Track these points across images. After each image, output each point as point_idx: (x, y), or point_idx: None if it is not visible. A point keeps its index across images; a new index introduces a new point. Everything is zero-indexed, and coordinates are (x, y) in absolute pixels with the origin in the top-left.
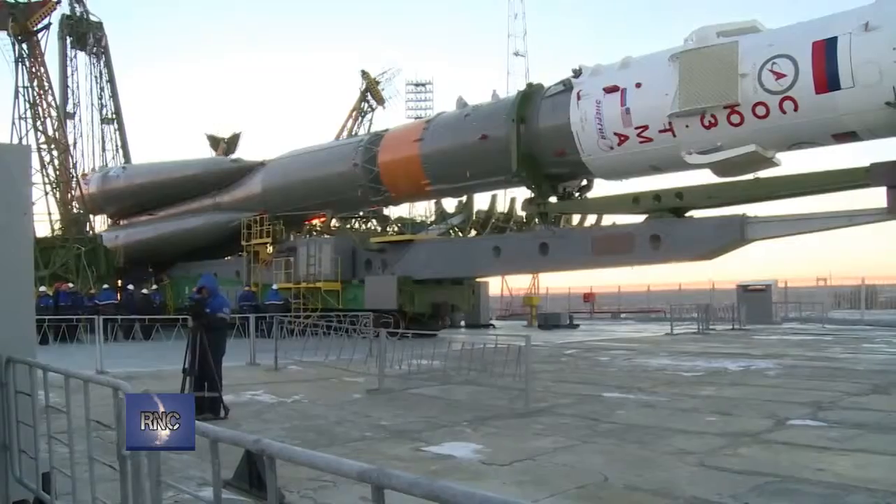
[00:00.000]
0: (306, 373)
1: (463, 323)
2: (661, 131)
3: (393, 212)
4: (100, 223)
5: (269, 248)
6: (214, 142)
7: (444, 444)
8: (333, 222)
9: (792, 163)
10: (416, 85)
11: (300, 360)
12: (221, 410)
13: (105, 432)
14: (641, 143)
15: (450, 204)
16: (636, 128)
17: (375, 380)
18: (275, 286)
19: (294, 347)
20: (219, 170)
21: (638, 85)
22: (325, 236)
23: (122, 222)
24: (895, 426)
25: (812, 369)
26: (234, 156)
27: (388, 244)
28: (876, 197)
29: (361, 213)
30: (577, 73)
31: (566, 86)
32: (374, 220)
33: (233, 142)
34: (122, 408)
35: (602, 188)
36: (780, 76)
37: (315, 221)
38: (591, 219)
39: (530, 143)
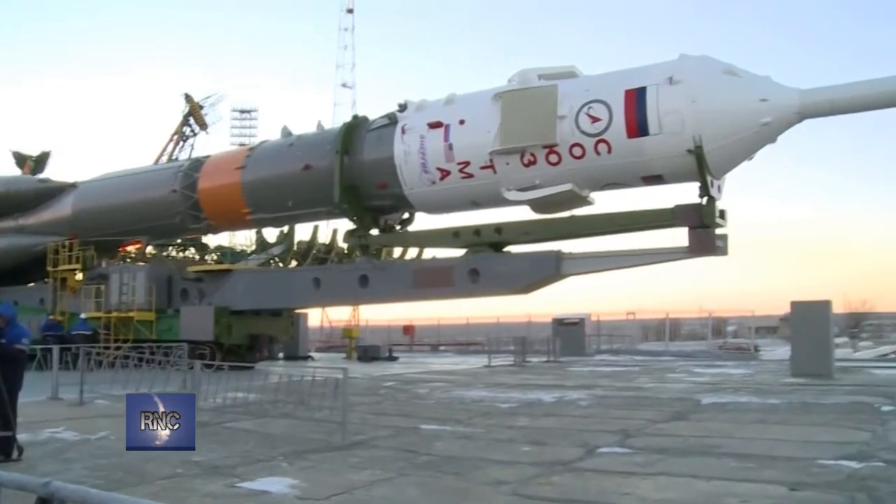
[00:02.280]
0: (115, 407)
1: (281, 355)
2: (482, 167)
3: (212, 240)
4: None
5: (79, 275)
6: (20, 160)
7: (260, 479)
8: (149, 249)
9: (605, 202)
10: (242, 111)
11: (108, 394)
12: (14, 451)
13: None
14: (463, 178)
15: (271, 234)
16: (458, 163)
17: None
18: (83, 315)
19: (102, 381)
20: (23, 189)
21: (461, 122)
22: (140, 264)
23: None
24: (693, 450)
25: (621, 399)
26: (41, 175)
27: (206, 273)
28: (680, 236)
29: (179, 241)
30: (403, 107)
31: (391, 119)
32: (192, 248)
33: (41, 160)
34: None
35: (423, 222)
36: (595, 120)
37: (129, 248)
38: (412, 252)
39: (353, 174)
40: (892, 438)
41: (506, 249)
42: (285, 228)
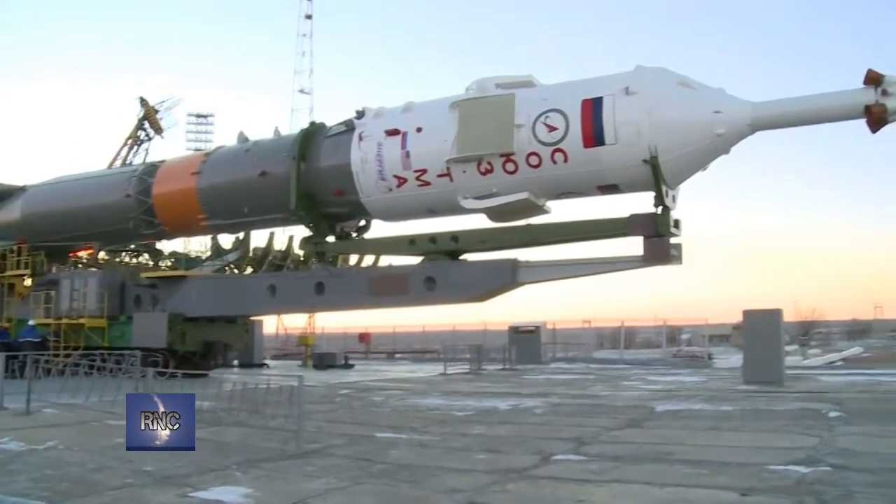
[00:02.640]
0: (64, 416)
1: (236, 362)
2: (439, 175)
3: (166, 246)
4: None
5: (27, 281)
6: None
7: (213, 488)
8: (102, 255)
9: (562, 211)
10: (198, 116)
11: (57, 403)
12: None
13: None
14: (420, 186)
15: (226, 240)
16: (415, 171)
17: None
18: (31, 322)
19: (51, 389)
20: None
21: (419, 129)
22: (92, 269)
23: None
24: (647, 457)
25: (576, 406)
26: None
27: (159, 279)
28: (635, 245)
29: (133, 247)
30: (360, 114)
31: (348, 126)
32: (146, 254)
33: None
34: None
35: (380, 229)
36: (552, 129)
37: (81, 253)
38: (368, 259)
39: (310, 181)
40: (838, 444)
41: (462, 257)
42: (241, 235)
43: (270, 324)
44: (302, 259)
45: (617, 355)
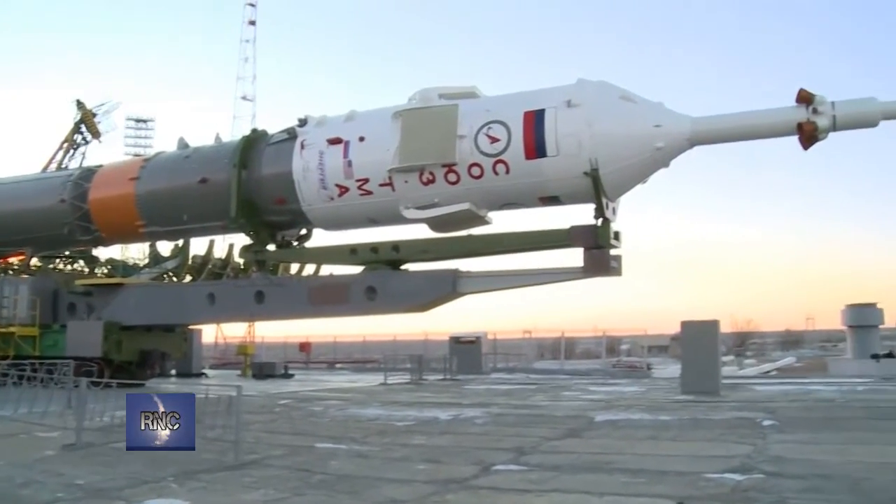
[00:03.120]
0: None
1: (174, 372)
2: (381, 185)
3: (103, 253)
4: None
5: None
6: None
7: (148, 501)
8: (34, 261)
9: (503, 221)
10: (137, 121)
11: None
12: None
13: None
14: (361, 195)
15: (165, 247)
16: (357, 180)
17: (73, 434)
18: None
19: None
20: None
21: (361, 139)
22: (23, 276)
23: None
24: (586, 466)
25: (516, 417)
26: None
27: (95, 287)
28: (575, 257)
29: (67, 253)
30: (303, 122)
31: (290, 134)
32: (81, 261)
33: None
34: None
35: (321, 238)
36: (494, 140)
37: (12, 259)
38: (309, 268)
39: (251, 189)
40: (771, 451)
41: (403, 267)
42: (180, 242)
43: (209, 333)
44: (242, 267)
45: (557, 366)
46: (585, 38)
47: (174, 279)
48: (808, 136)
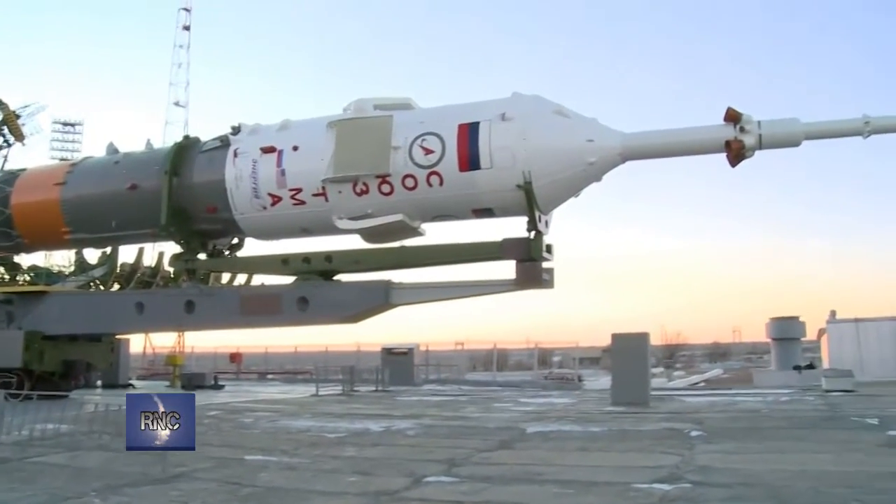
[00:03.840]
0: None
1: (100, 383)
2: (314, 195)
3: (25, 260)
4: None
5: None
6: None
7: None
8: None
9: (437, 233)
10: (65, 124)
11: None
12: None
13: None
14: (295, 205)
15: (92, 255)
16: (290, 190)
17: None
18: None
19: None
20: None
21: (295, 148)
22: None
23: None
24: (517, 478)
25: (448, 428)
26: None
27: (16, 295)
28: (508, 269)
29: None
30: (236, 130)
31: (223, 142)
32: (1, 268)
33: None
34: None
35: (253, 247)
36: (428, 152)
37: None
38: (240, 278)
39: (182, 197)
40: (698, 461)
41: (336, 278)
42: (108, 250)
43: (138, 343)
44: (172, 276)
45: (489, 377)
46: (521, 53)
47: (101, 287)
48: (736, 153)
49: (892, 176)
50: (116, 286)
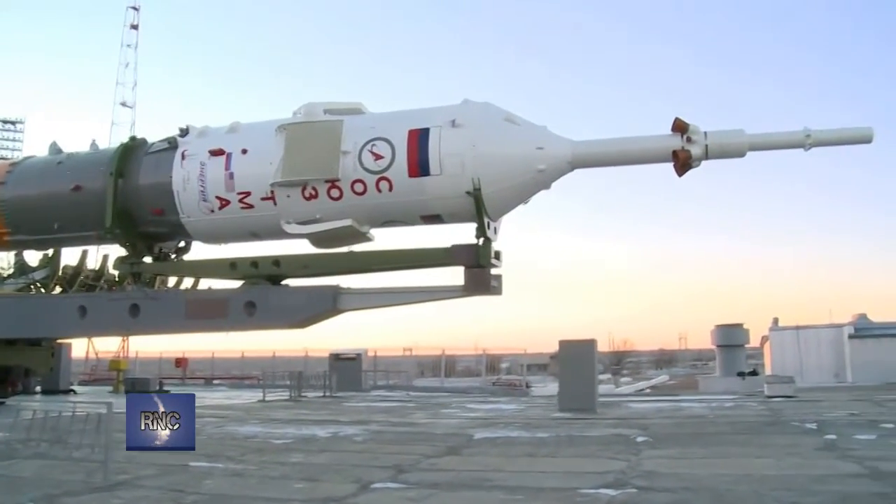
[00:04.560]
0: None
1: (39, 388)
2: (262, 199)
3: None
4: None
5: None
6: None
7: None
8: None
9: (386, 239)
10: (4, 122)
11: None
12: None
13: None
14: (243, 208)
15: (33, 257)
16: (239, 193)
17: None
18: None
19: None
20: None
21: (244, 151)
22: None
23: None
24: (465, 484)
25: (396, 434)
26: None
27: None
28: (456, 275)
29: None
30: (184, 132)
31: (171, 144)
32: None
33: None
34: None
35: (200, 251)
36: (378, 157)
37: None
38: (187, 282)
39: (128, 199)
40: (643, 466)
41: (284, 283)
42: (50, 251)
43: (80, 347)
44: (117, 280)
45: (437, 383)
46: (472, 59)
47: (42, 290)
48: (683, 163)
49: (834, 184)
50: (58, 289)
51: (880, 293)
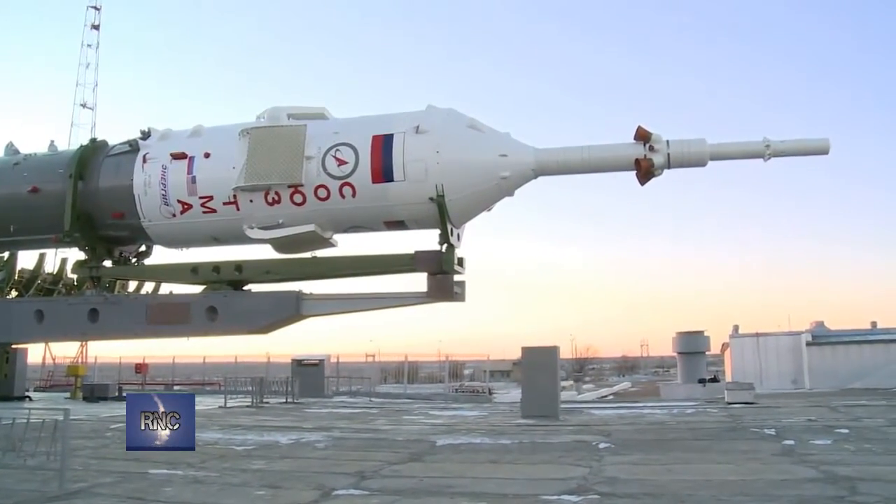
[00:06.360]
0: None
1: None
2: (225, 203)
3: None
4: None
5: None
6: None
7: None
8: None
9: (349, 245)
10: None
11: None
12: None
13: None
14: (205, 213)
15: None
16: (201, 197)
17: None
18: None
19: None
20: None
21: (207, 155)
22: None
23: None
24: (427, 490)
25: (358, 440)
26: None
27: None
28: (419, 282)
29: None
30: (146, 134)
31: (132, 146)
32: None
33: None
34: None
35: (162, 255)
36: (342, 163)
37: None
38: (148, 286)
39: (88, 202)
40: (606, 472)
41: (246, 288)
42: (6, 255)
43: (37, 352)
44: (75, 284)
45: (400, 389)
46: (436, 65)
47: None
48: (645, 171)
49: (792, 194)
50: (14, 293)
51: (837, 301)
